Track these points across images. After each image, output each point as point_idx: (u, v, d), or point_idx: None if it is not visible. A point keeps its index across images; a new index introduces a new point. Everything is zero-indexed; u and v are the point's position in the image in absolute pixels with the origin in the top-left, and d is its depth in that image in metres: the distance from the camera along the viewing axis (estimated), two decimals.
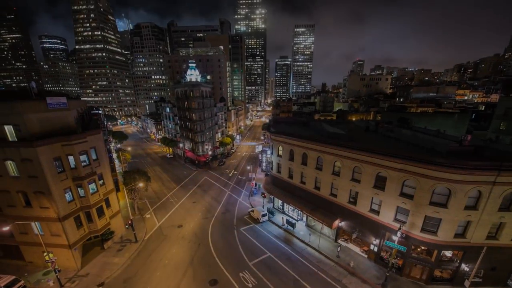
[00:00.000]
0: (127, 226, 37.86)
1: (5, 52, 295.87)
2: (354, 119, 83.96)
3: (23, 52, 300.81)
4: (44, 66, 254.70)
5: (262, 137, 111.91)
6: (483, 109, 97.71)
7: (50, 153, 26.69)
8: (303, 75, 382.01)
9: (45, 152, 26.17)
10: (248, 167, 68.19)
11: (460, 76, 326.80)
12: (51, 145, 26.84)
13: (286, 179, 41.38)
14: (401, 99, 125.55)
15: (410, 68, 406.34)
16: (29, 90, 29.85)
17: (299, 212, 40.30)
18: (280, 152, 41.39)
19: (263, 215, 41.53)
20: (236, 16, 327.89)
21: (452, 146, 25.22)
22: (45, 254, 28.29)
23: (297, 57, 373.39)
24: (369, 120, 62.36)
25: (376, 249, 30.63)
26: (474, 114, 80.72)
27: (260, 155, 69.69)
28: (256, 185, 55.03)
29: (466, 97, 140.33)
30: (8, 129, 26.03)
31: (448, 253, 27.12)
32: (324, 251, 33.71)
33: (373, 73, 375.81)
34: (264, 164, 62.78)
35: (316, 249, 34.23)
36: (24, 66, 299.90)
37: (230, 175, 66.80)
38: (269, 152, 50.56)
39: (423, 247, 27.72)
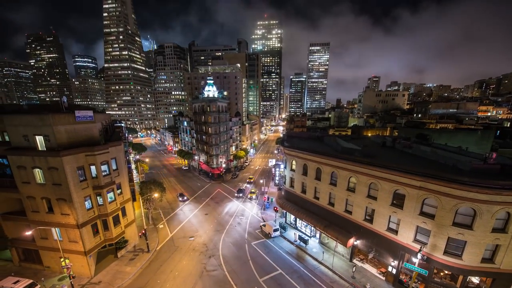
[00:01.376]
0: (140, 236, 38.15)
1: (42, 70, 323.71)
2: (369, 134, 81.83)
3: (58, 70, 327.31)
4: (75, 83, 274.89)
5: (275, 151, 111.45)
6: (508, 125, 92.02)
7: (74, 162, 27.94)
8: (317, 91, 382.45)
9: (70, 162, 27.44)
10: (261, 181, 67.56)
11: (482, 92, 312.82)
12: (76, 155, 28.12)
13: (299, 194, 40.40)
14: (419, 115, 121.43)
15: (428, 84, 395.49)
16: (60, 104, 32.06)
17: (312, 228, 38.85)
18: (294, 167, 40.78)
19: (275, 230, 40.39)
20: (253, 36, 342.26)
21: (476, 164, 23.69)
22: (62, 259, 28.91)
23: (311, 73, 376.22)
24: (385, 136, 60.39)
25: (394, 271, 28.53)
26: (498, 131, 76.05)
27: (273, 169, 69.06)
28: (268, 199, 54.12)
29: (489, 114, 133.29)
30: (39, 139, 27.73)
31: (475, 279, 24.70)
32: (338, 270, 31.87)
33: (389, 89, 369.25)
34: (277, 178, 62.00)
35: (329, 268, 32.47)
36: (58, 83, 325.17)
37: (243, 188, 66.27)
38: (282, 166, 49.99)
39: (446, 271, 25.48)
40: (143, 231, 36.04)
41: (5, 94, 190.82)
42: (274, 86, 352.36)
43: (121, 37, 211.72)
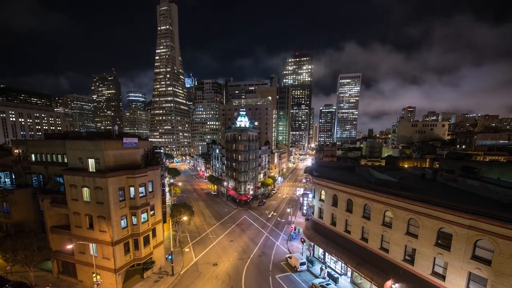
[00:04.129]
0: (166, 258, 37.98)
1: (102, 103, 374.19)
2: (406, 166, 75.22)
3: (114, 103, 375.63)
4: (126, 114, 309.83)
5: (304, 180, 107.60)
6: None
7: (116, 183, 30.12)
8: (348, 121, 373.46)
9: (113, 183, 29.66)
10: (288, 210, 64.59)
11: None
12: (119, 177, 30.43)
13: (328, 226, 37.42)
14: (463, 146, 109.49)
15: (471, 114, 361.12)
16: (112, 132, 35.97)
17: (343, 265, 34.90)
18: (323, 197, 38.55)
19: (302, 264, 37.15)
20: (284, 72, 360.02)
21: None
22: (94, 275, 29.77)
23: (342, 104, 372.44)
24: (425, 168, 55.01)
25: None
26: None
27: (301, 198, 66.06)
28: (295, 229, 50.96)
29: None
30: (91, 162, 30.87)
31: None
32: None
33: (426, 119, 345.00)
34: (305, 207, 58.87)
35: None
36: (112, 114, 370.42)
37: (269, 216, 63.97)
38: (310, 195, 47.73)
39: None
40: (170, 254, 35.92)
41: (70, 123, 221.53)
42: (303, 116, 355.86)
43: (168, 75, 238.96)
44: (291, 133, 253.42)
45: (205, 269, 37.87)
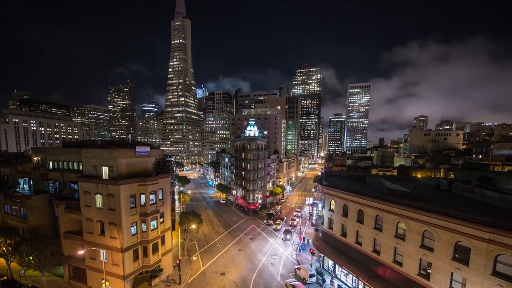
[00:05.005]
0: (174, 266, 37.71)
1: (117, 113, 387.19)
2: (419, 176, 72.64)
3: (128, 113, 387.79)
4: (140, 123, 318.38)
5: (313, 190, 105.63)
6: None
7: (128, 190, 30.60)
8: (358, 131, 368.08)
9: (125, 190, 30.16)
10: (297, 219, 63.25)
11: None
12: (131, 184, 30.93)
13: (338, 237, 36.22)
14: (479, 156, 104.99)
15: (487, 123, 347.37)
16: (126, 141, 36.94)
17: (354, 278, 33.41)
18: (333, 207, 37.55)
19: (311, 276, 35.87)
20: (293, 82, 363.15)
21: None
22: (103, 281, 29.85)
23: (351, 114, 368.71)
24: (439, 178, 52.88)
25: None
26: None
27: (310, 208, 64.62)
28: (304, 239, 49.65)
29: None
30: (105, 169, 31.63)
31: None
32: None
33: (440, 128, 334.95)
34: (314, 217, 57.47)
35: None
36: (126, 123, 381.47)
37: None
38: (320, 205, 46.68)
39: None
40: (178, 262, 35.69)
41: (86, 132, 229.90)
42: (312, 126, 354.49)
43: (180, 87, 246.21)
44: (300, 142, 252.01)
45: (212, 278, 37.26)
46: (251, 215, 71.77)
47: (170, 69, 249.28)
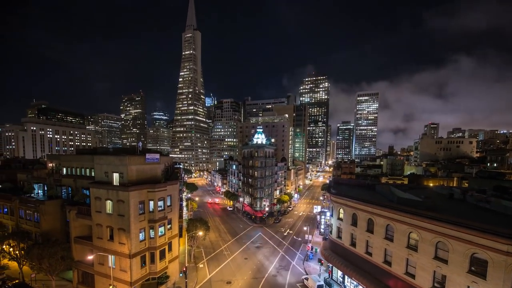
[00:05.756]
0: (181, 273, 37.37)
1: (128, 122, 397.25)
2: (431, 184, 70.30)
3: (139, 121, 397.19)
4: (150, 131, 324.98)
5: (321, 198, 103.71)
6: None
7: (137, 197, 30.94)
8: (366, 138, 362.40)
9: (135, 196, 30.51)
10: (305, 228, 61.79)
11: None
12: (140, 191, 31.30)
13: (347, 247, 35.12)
14: (494, 164, 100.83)
15: (502, 130, 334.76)
16: (136, 148, 37.73)
17: None
18: (341, 215, 36.64)
19: (319, 286, 34.76)
20: (301, 90, 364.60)
21: None
22: (110, 287, 29.85)
23: (360, 122, 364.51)
24: (452, 187, 51.01)
25: None
26: None
27: (318, 216, 63.29)
28: (312, 248, 48.43)
29: None
30: (115, 176, 32.26)
31: None
32: None
33: (452, 135, 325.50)
34: (322, 226, 56.09)
35: None
36: (137, 131, 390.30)
37: (285, 234, 61.73)
38: (328, 214, 45.68)
39: None
40: (184, 269, 35.36)
41: (99, 139, 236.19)
42: (320, 133, 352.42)
43: (190, 96, 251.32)
44: (308, 150, 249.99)
45: (218, 286, 36.68)
46: (258, 223, 70.91)
47: (180, 79, 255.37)
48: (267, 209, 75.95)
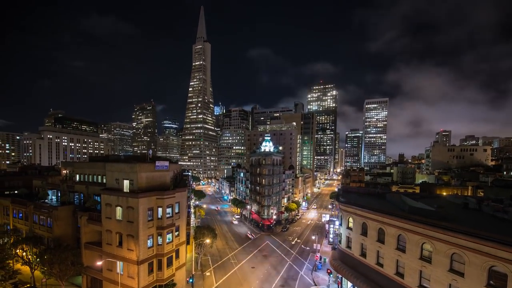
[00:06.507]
0: (187, 281, 36.95)
1: (139, 130, 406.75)
2: (444, 193, 67.70)
3: (150, 130, 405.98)
4: (160, 139, 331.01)
5: (330, 206, 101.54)
6: None
7: (146, 203, 31.23)
8: (376, 146, 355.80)
9: (144, 203, 30.81)
10: (313, 237, 60.38)
11: None
12: (149, 197, 31.59)
13: (357, 257, 33.94)
14: (511, 173, 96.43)
15: None
16: (147, 156, 38.44)
17: None
18: (351, 224, 35.62)
19: None
20: (308, 99, 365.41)
21: None
22: None
23: (369, 129, 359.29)
24: (467, 196, 48.95)
25: None
26: None
27: (326, 225, 61.73)
28: (321, 258, 47.08)
29: None
30: (126, 183, 32.77)
31: None
32: None
33: (465, 143, 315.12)
34: (331, 235, 54.55)
35: None
36: (148, 139, 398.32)
37: (293, 243, 60.46)
38: (337, 222, 44.55)
39: None
40: (191, 277, 34.95)
41: (111, 147, 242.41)
42: (329, 141, 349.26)
43: (199, 105, 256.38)
44: (316, 157, 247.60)
45: None
46: (266, 231, 69.85)
47: (191, 89, 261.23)
48: (274, 217, 74.90)
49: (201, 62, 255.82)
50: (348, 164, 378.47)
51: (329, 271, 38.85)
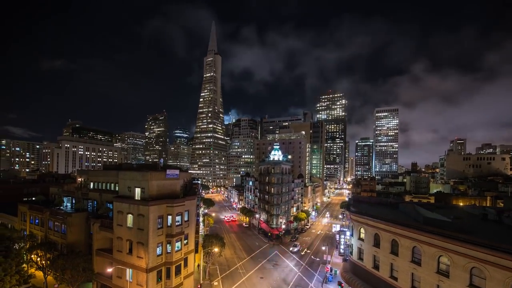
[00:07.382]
0: None
1: (152, 139, 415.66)
2: (461, 204, 64.58)
3: (162, 139, 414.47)
4: (171, 148, 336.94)
5: (340, 216, 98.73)
6: None
7: (157, 211, 31.45)
8: (387, 155, 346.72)
9: (154, 211, 31.06)
10: (323, 248, 58.52)
11: None
12: (160, 205, 31.86)
13: (370, 270, 32.48)
14: None
15: None
16: (158, 164, 39.13)
17: None
18: (362, 235, 34.37)
19: None
20: (317, 108, 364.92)
21: None
22: None
23: (379, 138, 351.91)
24: (485, 207, 46.43)
25: None
26: None
27: (337, 236, 59.83)
28: (331, 270, 45.36)
29: None
30: (137, 190, 33.29)
31: None
32: None
33: (481, 151, 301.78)
34: (342, 246, 52.72)
35: None
36: (159, 148, 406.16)
37: (303, 253, 58.79)
38: (348, 233, 43.11)
39: None
40: (199, 286, 34.48)
41: (124, 156, 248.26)
42: (338, 150, 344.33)
43: (209, 114, 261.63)
44: (325, 166, 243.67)
45: None
46: (275, 241, 68.38)
47: (201, 99, 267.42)
48: (283, 226, 73.48)
49: (212, 74, 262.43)
50: (358, 173, 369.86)
51: (340, 284, 37.30)
